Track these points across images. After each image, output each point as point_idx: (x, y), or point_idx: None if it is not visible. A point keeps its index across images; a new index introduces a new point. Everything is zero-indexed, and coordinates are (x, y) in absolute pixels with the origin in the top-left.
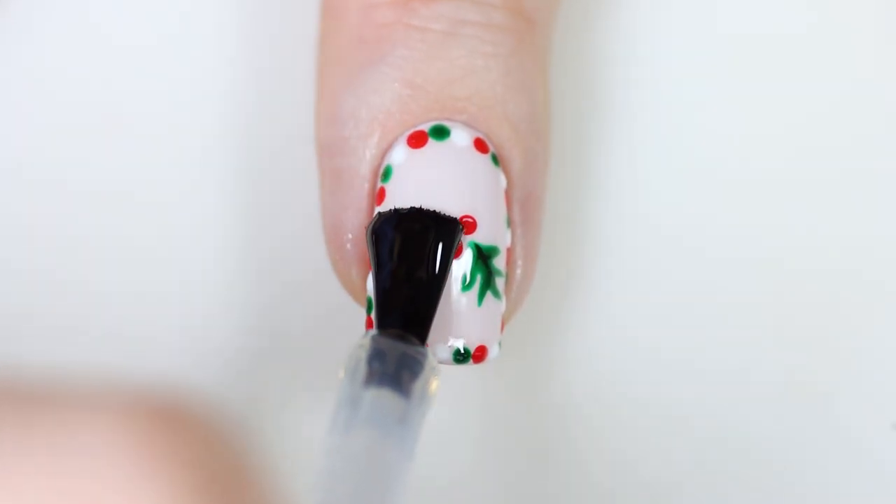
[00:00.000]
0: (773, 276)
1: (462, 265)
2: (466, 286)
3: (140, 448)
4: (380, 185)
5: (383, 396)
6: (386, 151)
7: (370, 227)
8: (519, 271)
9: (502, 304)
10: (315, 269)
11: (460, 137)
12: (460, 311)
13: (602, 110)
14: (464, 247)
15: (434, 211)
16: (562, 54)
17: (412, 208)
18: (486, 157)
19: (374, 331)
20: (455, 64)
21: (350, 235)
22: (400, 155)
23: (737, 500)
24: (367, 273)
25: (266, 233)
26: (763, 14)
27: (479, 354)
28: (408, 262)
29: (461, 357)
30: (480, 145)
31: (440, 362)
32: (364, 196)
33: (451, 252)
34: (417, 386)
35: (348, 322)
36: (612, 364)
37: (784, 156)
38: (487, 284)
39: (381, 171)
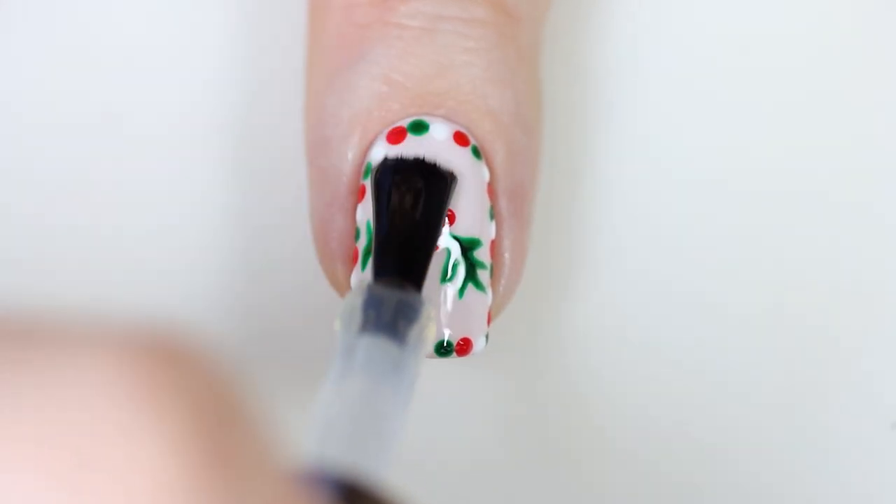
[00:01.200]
0: (771, 274)
1: (439, 257)
2: (447, 279)
3: (140, 386)
4: (361, 182)
5: (378, 344)
6: (367, 149)
7: (373, 174)
8: (507, 264)
9: (487, 297)
10: (307, 266)
11: (439, 131)
12: (442, 304)
13: (597, 105)
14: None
15: (432, 163)
16: (556, 50)
17: (408, 159)
18: (466, 150)
19: (369, 279)
20: (433, 59)
21: (335, 233)
22: (380, 152)
23: (737, 500)
24: (352, 270)
25: (260, 230)
26: (759, 11)
27: (463, 347)
28: (402, 213)
29: (444, 350)
30: (460, 138)
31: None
32: (347, 195)
33: (445, 203)
34: (413, 333)
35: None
36: (608, 361)
37: (781, 153)
38: (469, 277)
39: (363, 168)
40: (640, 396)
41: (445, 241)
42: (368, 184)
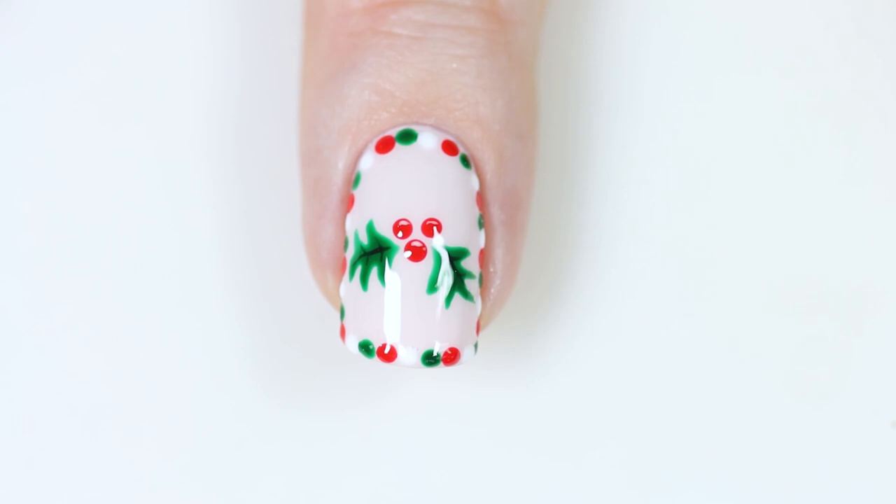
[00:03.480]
0: (769, 275)
1: (426, 267)
2: (433, 288)
3: None
4: (351, 192)
5: None
6: (357, 159)
7: None
8: (497, 273)
9: (476, 306)
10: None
11: (427, 140)
12: (428, 314)
13: (595, 112)
14: (428, 250)
15: None
16: (554, 56)
17: None
18: (454, 159)
19: None
20: (422, 68)
21: (325, 244)
22: (368, 161)
23: (736, 500)
24: (341, 279)
25: (259, 240)
26: (759, 17)
27: (450, 357)
28: None
29: (430, 360)
30: (449, 147)
31: (409, 367)
32: (337, 205)
33: None
34: None
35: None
36: (608, 365)
37: (777, 154)
38: (456, 286)
39: (353, 178)
40: (637, 401)
41: (432, 249)
42: (357, 195)
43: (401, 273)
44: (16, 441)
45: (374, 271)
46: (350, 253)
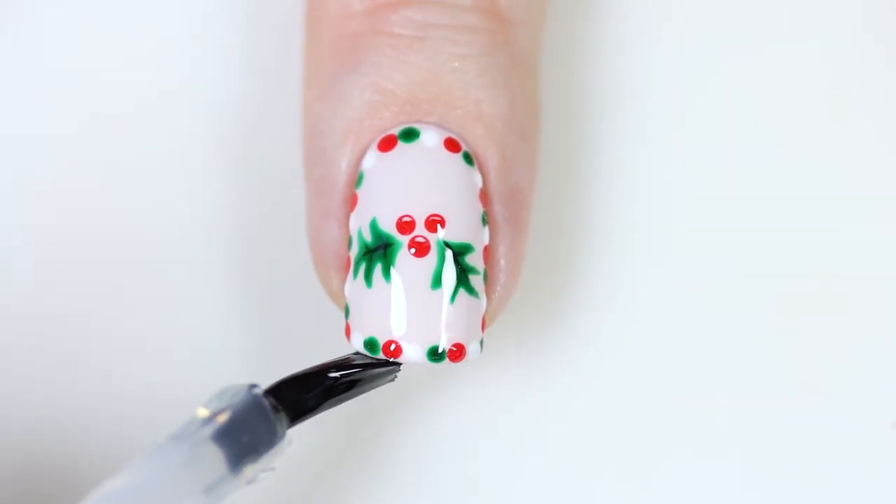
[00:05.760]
0: (771, 275)
1: (430, 262)
2: (437, 283)
3: None
4: (354, 191)
5: (214, 457)
6: (360, 158)
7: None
8: (502, 270)
9: (481, 303)
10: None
11: (429, 138)
12: (434, 310)
13: (598, 110)
14: (432, 246)
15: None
16: (557, 56)
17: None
18: (457, 156)
19: (260, 389)
20: (423, 66)
21: (329, 243)
22: (370, 160)
23: (736, 500)
24: (345, 278)
25: (264, 239)
26: (760, 15)
27: (455, 353)
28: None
29: (436, 356)
30: (451, 145)
31: (415, 363)
32: (341, 204)
33: (362, 388)
34: (250, 470)
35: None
36: (612, 363)
37: (779, 153)
38: (461, 282)
39: (357, 177)
40: (638, 400)
41: (437, 244)
42: (360, 194)
43: (405, 269)
44: (17, 439)
45: (378, 268)
46: (354, 251)
